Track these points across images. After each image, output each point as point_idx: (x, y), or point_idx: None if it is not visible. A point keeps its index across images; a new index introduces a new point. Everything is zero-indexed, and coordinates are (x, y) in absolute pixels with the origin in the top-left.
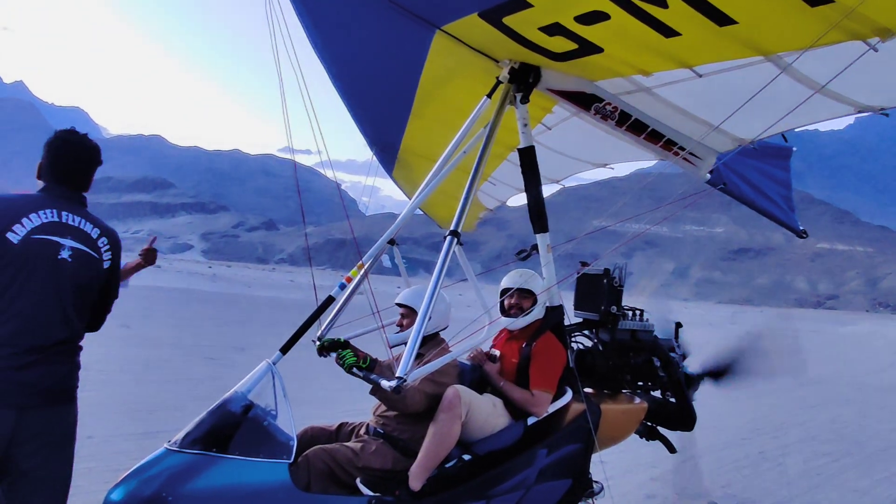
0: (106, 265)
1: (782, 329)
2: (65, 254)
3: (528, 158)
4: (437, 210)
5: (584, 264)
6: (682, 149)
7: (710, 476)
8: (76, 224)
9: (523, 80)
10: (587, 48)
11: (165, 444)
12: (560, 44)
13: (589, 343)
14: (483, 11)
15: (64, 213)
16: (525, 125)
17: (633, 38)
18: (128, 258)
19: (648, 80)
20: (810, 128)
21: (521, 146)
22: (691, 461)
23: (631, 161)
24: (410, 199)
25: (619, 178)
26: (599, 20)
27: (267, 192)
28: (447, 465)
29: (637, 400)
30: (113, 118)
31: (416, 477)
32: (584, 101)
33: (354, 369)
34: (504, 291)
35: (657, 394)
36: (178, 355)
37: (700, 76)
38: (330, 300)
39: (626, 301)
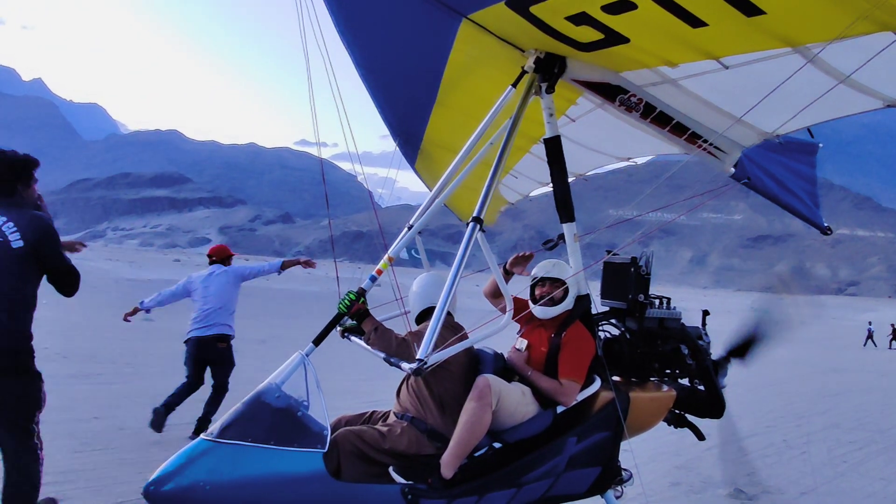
0: (16, 245)
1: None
2: None
3: (554, 148)
4: (457, 203)
5: (610, 252)
6: (707, 142)
7: (735, 464)
8: None
9: (549, 70)
10: (614, 38)
11: (203, 434)
12: (586, 33)
13: (616, 332)
14: (510, 0)
15: None
16: (551, 115)
17: (660, 28)
18: (153, 252)
19: (674, 72)
20: None
21: (547, 136)
22: (716, 450)
23: (653, 155)
24: (431, 191)
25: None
26: (627, 9)
27: (283, 184)
28: (478, 454)
29: (665, 388)
30: (130, 114)
31: (448, 465)
32: (609, 92)
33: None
34: (535, 281)
35: (685, 382)
36: None
37: (727, 68)
38: (362, 292)
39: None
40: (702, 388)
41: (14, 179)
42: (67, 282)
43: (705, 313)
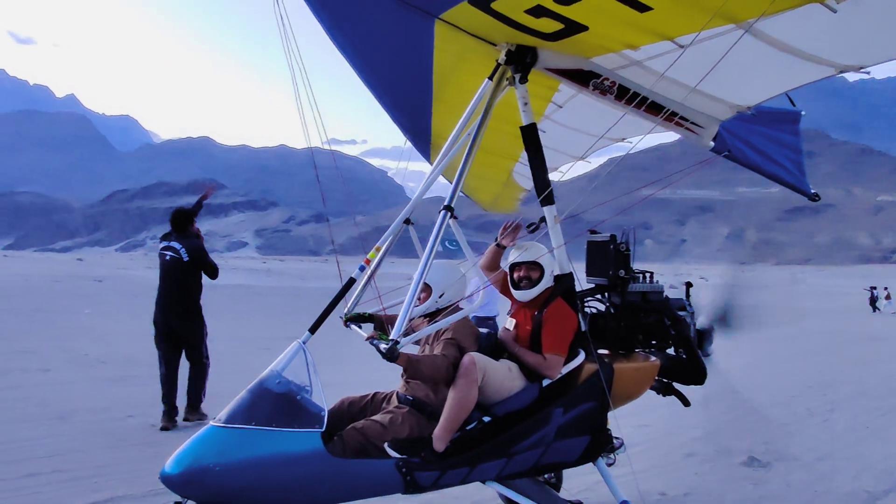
0: (185, 259)
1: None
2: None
3: (530, 135)
4: (477, 194)
5: (592, 231)
6: (685, 119)
7: (754, 433)
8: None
9: (521, 62)
10: (573, 27)
11: (211, 420)
12: (548, 24)
13: (602, 307)
14: None
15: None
16: (525, 104)
17: (612, 15)
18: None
19: (637, 54)
20: (866, 78)
21: (523, 124)
22: (736, 421)
23: (647, 134)
24: (450, 182)
25: (668, 143)
26: (575, 0)
27: (315, 184)
28: (468, 427)
29: (652, 358)
30: (162, 123)
31: (440, 439)
32: (582, 78)
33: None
34: (512, 265)
35: (672, 352)
36: (236, 347)
37: (682, 47)
38: (351, 282)
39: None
40: (685, 356)
41: (185, 222)
42: (212, 275)
43: (688, 285)
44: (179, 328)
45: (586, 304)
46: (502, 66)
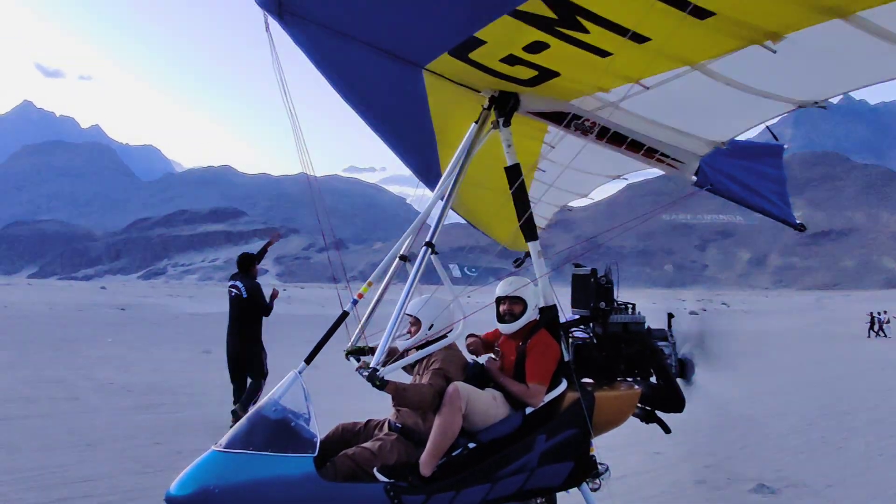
0: (245, 296)
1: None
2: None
3: (513, 175)
4: (495, 232)
5: (576, 265)
6: (665, 155)
7: (767, 461)
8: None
9: (503, 106)
10: (546, 73)
11: (213, 445)
12: (523, 71)
13: (586, 337)
14: (451, 50)
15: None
16: (509, 146)
17: (577, 61)
18: (212, 286)
19: (610, 96)
20: (887, 99)
21: (507, 165)
22: (748, 448)
23: (642, 169)
24: (469, 221)
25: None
26: (543, 49)
27: (335, 212)
28: (454, 454)
29: (635, 387)
30: (184, 152)
31: (426, 465)
32: (563, 119)
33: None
34: (497, 299)
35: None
36: None
37: (648, 88)
38: (345, 315)
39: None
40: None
41: (248, 264)
42: (264, 312)
43: (670, 316)
44: (241, 351)
45: (571, 335)
46: (485, 110)
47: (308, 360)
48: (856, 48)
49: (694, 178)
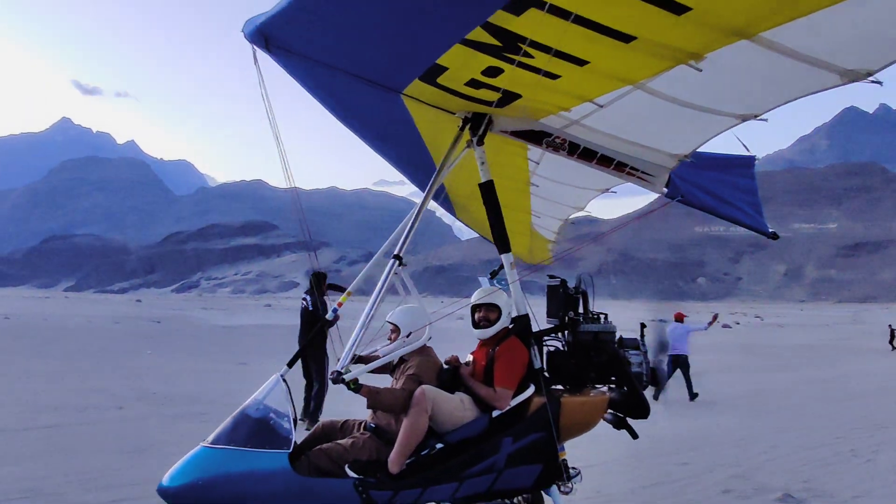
0: (311, 308)
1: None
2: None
3: (487, 191)
4: (513, 248)
5: (551, 277)
6: (635, 168)
7: (795, 472)
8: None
9: (476, 127)
10: (509, 95)
11: (202, 442)
12: (489, 94)
13: (559, 346)
14: (420, 77)
15: None
16: (482, 163)
17: (532, 83)
18: (244, 299)
19: (572, 115)
20: None
21: (480, 181)
22: (776, 460)
23: (625, 183)
24: (481, 235)
25: None
26: (499, 73)
27: (365, 225)
28: (423, 453)
29: (605, 393)
30: (217, 167)
31: (394, 462)
32: (535, 137)
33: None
34: (473, 307)
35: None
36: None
37: (602, 107)
38: (324, 322)
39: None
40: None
41: (319, 283)
42: (325, 324)
43: (642, 325)
44: (307, 355)
45: (545, 343)
46: (460, 131)
47: (290, 364)
48: (773, 66)
49: (665, 189)
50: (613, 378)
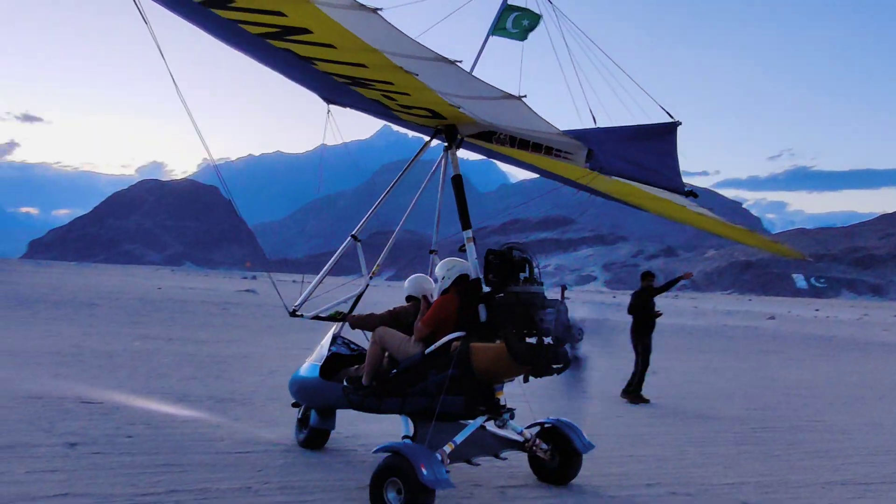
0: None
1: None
2: None
3: (456, 184)
4: (650, 207)
5: (490, 251)
6: (560, 150)
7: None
8: None
9: (449, 134)
10: (435, 114)
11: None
12: (420, 112)
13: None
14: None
15: None
16: (451, 161)
17: (423, 101)
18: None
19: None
20: None
21: (452, 175)
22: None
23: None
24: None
25: None
26: (395, 97)
27: (659, 219)
28: (391, 374)
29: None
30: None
31: (365, 377)
32: (488, 136)
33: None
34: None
35: (533, 340)
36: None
37: (461, 107)
38: (365, 288)
39: None
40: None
41: (643, 280)
42: (644, 318)
43: (563, 288)
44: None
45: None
46: (430, 138)
47: (347, 317)
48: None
49: (587, 164)
50: (526, 332)
